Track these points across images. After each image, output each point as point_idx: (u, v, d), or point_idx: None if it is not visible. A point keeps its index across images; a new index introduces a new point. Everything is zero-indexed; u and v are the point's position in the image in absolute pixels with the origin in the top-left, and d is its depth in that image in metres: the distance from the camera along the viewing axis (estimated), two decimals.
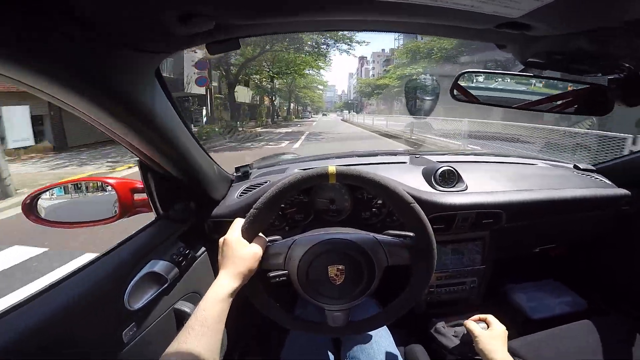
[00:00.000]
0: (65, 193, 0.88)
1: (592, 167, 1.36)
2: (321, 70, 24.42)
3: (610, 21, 0.46)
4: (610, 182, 1.25)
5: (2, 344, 0.51)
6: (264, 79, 23.12)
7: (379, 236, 0.70)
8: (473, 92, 0.76)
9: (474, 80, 0.76)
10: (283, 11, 0.49)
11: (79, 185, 0.89)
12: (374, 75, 72.81)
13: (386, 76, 30.89)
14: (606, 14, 0.44)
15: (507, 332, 0.81)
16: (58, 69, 0.43)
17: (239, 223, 0.67)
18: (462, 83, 0.74)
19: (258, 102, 30.73)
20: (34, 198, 0.82)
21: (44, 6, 0.36)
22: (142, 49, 0.52)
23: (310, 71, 23.13)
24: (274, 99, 31.50)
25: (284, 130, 20.32)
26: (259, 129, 19.62)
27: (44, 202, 0.84)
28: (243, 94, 23.80)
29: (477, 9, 0.43)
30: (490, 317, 0.85)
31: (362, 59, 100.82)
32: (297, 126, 25.56)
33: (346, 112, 61.05)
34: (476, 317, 0.88)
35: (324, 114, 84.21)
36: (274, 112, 32.42)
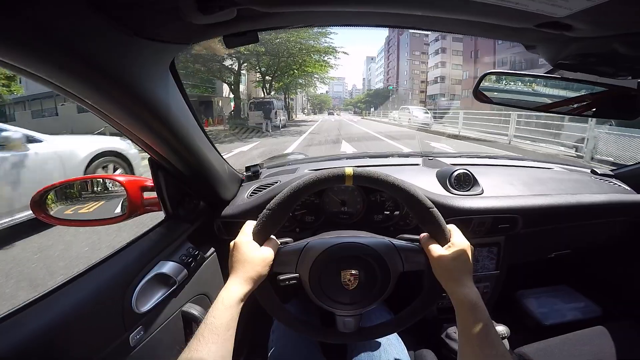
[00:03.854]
0: (74, 191, 0.87)
1: (610, 172, 1.33)
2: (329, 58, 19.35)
3: None
4: (629, 188, 1.22)
5: (7, 347, 0.49)
6: None
7: (396, 241, 0.68)
8: (497, 93, 0.73)
9: (498, 81, 0.73)
10: (316, 0, 0.46)
11: (88, 183, 0.88)
12: (428, 44, 48.04)
13: None
14: None
15: (472, 248, 0.63)
16: (68, 58, 0.41)
17: (250, 226, 0.65)
18: (485, 84, 0.72)
19: None
20: (43, 195, 0.80)
21: None
22: (158, 39, 0.50)
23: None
24: None
25: None
26: None
27: (52, 200, 0.82)
28: None
29: (522, 6, 0.40)
30: (452, 228, 0.66)
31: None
32: None
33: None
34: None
35: (329, 113, 66.26)
36: None
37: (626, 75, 0.69)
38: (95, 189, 0.89)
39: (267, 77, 21.19)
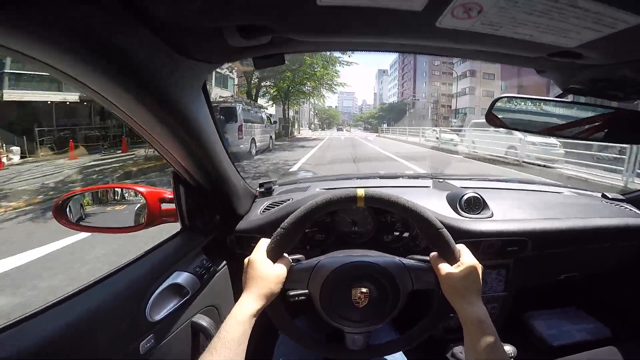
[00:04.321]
0: (95, 199, 0.89)
1: (622, 197, 1.33)
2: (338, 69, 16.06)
3: None
4: None
5: (21, 350, 0.50)
6: None
7: (406, 261, 0.70)
8: (510, 114, 0.75)
9: (511, 105, 0.76)
10: (346, 32, 0.49)
11: (109, 192, 0.91)
12: None
13: None
14: None
15: (481, 268, 0.64)
16: (116, 70, 0.44)
17: (264, 243, 0.67)
18: (499, 106, 0.74)
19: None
20: (65, 202, 0.83)
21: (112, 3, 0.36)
22: (196, 58, 0.53)
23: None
24: None
25: None
26: None
27: (74, 206, 0.85)
28: None
29: (535, 38, 0.43)
30: (462, 248, 0.67)
31: None
32: None
33: None
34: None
35: (338, 129, 62.13)
36: None
37: (637, 99, 0.70)
38: (115, 197, 0.92)
39: (252, 81, 17.44)
